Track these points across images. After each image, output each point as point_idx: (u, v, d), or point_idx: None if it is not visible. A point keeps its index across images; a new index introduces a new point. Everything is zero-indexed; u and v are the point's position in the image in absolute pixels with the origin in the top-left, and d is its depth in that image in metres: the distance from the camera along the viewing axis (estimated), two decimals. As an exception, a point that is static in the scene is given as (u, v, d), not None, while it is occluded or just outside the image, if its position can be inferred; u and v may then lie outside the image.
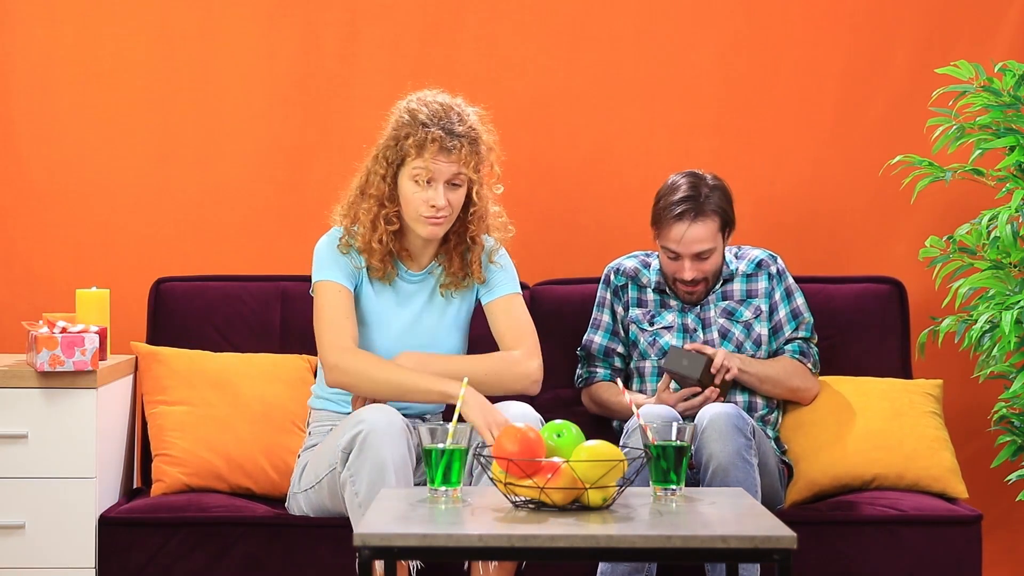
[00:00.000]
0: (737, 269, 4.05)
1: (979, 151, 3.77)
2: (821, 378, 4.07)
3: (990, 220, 3.70)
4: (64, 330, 3.74)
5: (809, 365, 4.01)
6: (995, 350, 3.68)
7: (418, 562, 3.42)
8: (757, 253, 4.08)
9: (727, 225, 3.97)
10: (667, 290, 4.03)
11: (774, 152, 4.44)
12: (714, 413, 3.63)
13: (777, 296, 4.03)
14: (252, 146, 4.44)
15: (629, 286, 4.06)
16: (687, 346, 3.90)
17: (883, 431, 3.90)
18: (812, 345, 4.03)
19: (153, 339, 4.15)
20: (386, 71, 4.41)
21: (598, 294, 4.10)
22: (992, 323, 3.66)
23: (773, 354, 4.01)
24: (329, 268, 3.61)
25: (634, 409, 3.19)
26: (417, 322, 3.65)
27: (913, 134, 4.24)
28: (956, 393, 4.25)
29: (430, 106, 3.58)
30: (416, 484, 3.45)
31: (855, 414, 3.94)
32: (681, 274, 3.93)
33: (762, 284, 4.04)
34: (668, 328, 3.99)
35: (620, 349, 4.05)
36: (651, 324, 4.01)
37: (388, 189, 3.59)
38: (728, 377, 3.85)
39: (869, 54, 4.44)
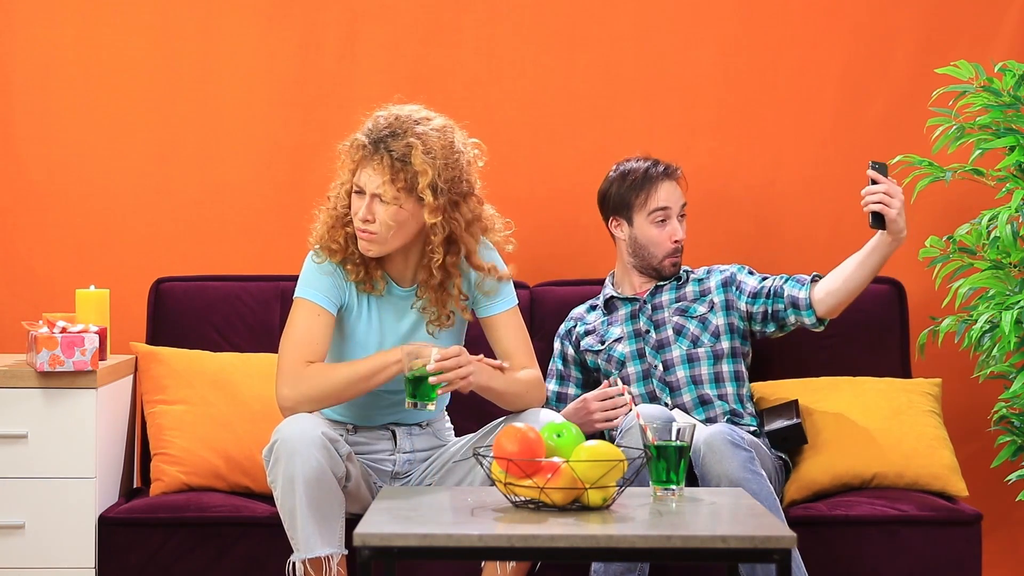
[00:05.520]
0: (690, 275, 4.08)
1: (979, 151, 3.77)
2: (820, 379, 4.08)
3: (990, 220, 3.70)
4: (64, 330, 3.73)
5: (808, 279, 3.93)
6: (995, 350, 3.68)
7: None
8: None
9: None
10: (616, 297, 4.06)
11: (774, 152, 4.43)
12: (707, 435, 3.59)
13: (730, 273, 4.04)
14: (252, 146, 4.43)
15: (577, 325, 4.09)
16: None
17: (882, 429, 3.90)
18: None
19: (153, 339, 4.15)
20: (386, 72, 4.41)
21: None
22: (992, 323, 3.66)
23: (769, 312, 3.95)
24: (310, 284, 3.54)
25: (634, 408, 3.19)
26: (411, 336, 3.58)
27: (913, 134, 4.23)
28: (956, 393, 4.25)
29: (384, 117, 3.50)
30: (347, 488, 3.44)
31: (854, 413, 3.94)
32: (675, 234, 4.01)
33: (713, 281, 4.05)
34: (618, 340, 4.01)
35: (571, 391, 4.06)
36: (602, 343, 4.03)
37: (345, 195, 3.54)
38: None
39: (869, 54, 4.44)
